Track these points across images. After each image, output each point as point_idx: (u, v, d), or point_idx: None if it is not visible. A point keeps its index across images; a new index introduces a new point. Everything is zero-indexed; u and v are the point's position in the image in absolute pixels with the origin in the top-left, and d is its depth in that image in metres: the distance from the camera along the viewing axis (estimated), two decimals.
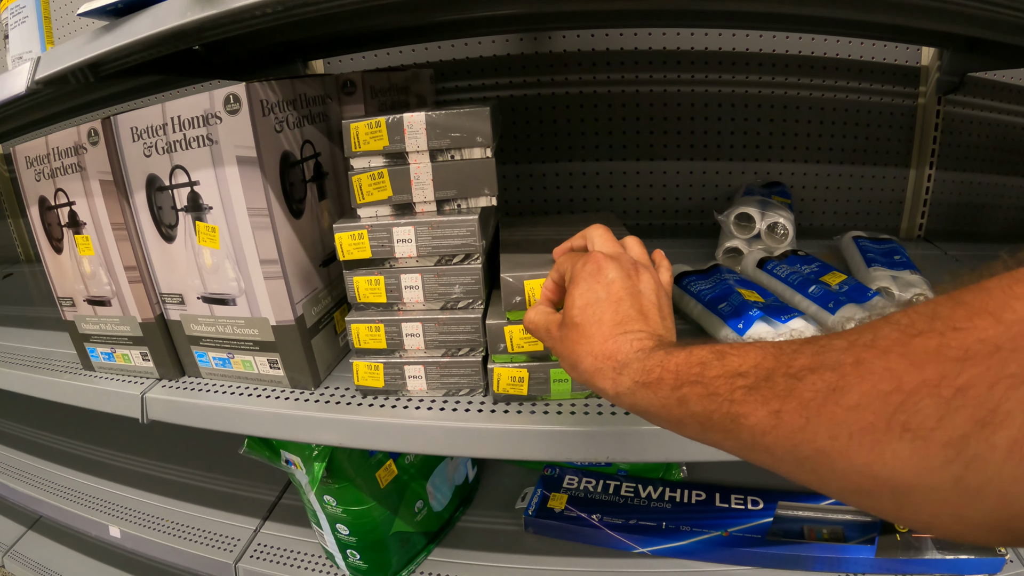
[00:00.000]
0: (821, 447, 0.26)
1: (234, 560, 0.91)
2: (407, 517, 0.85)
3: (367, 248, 0.64)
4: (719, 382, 0.32)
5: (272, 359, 0.72)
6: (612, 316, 0.43)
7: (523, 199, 1.23)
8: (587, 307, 0.44)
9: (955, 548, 0.76)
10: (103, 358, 0.84)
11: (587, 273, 0.46)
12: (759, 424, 0.29)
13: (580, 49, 1.11)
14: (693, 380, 0.34)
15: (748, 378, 0.31)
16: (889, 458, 0.24)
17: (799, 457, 0.28)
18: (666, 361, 0.37)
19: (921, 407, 0.23)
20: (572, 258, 0.49)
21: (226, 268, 0.69)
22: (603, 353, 0.41)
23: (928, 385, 0.23)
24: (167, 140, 0.66)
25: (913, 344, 0.24)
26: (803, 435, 0.27)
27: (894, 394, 0.24)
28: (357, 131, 0.62)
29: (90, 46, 0.62)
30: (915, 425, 0.23)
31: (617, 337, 0.42)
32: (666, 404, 0.36)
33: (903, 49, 1.06)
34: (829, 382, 0.26)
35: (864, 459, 0.25)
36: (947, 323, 0.23)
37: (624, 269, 0.46)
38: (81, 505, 1.09)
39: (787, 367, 0.29)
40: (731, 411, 0.31)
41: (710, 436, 0.33)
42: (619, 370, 0.40)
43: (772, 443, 0.29)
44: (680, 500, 0.90)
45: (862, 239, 0.92)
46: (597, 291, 0.44)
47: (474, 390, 0.69)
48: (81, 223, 0.76)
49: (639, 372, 0.38)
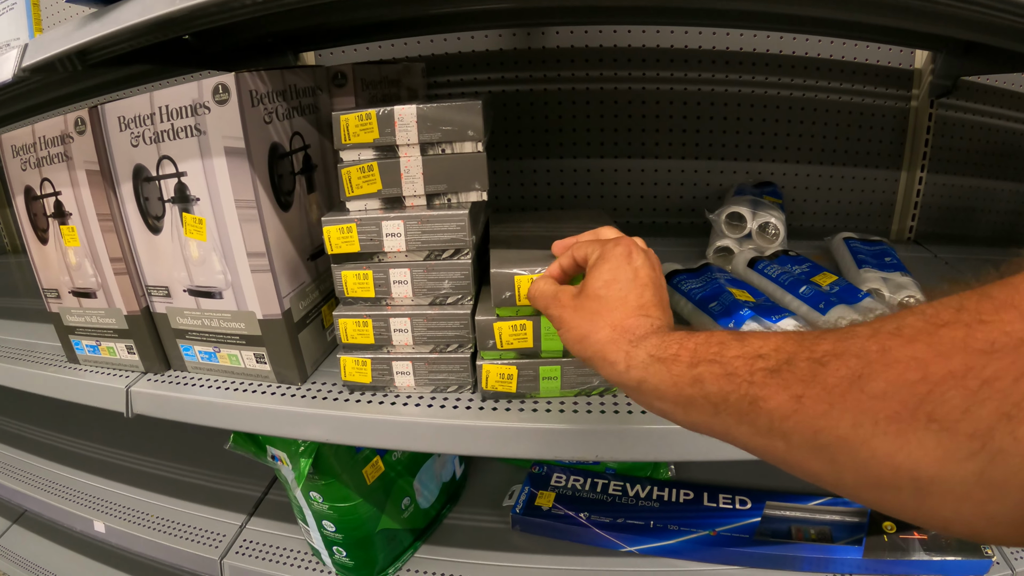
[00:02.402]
0: (843, 435, 0.26)
1: (219, 556, 0.91)
2: (394, 514, 0.84)
3: (356, 242, 0.64)
4: (738, 362, 0.32)
5: (259, 353, 0.72)
6: (637, 298, 0.44)
7: (513, 195, 1.23)
8: (613, 283, 0.45)
9: (942, 549, 0.76)
10: (88, 351, 0.83)
11: (617, 254, 0.46)
12: (779, 408, 0.29)
13: (573, 45, 1.11)
14: (711, 359, 0.34)
15: (769, 360, 0.30)
16: (914, 448, 0.24)
17: (818, 445, 0.27)
18: (685, 340, 0.37)
19: (947, 398, 0.23)
20: (597, 243, 0.49)
21: (213, 261, 0.68)
22: (622, 326, 0.42)
23: (954, 376, 0.23)
24: (155, 130, 0.65)
25: (939, 334, 0.24)
26: (825, 421, 0.27)
27: (920, 384, 0.24)
28: (347, 123, 0.61)
29: (78, 33, 0.61)
30: (941, 416, 0.23)
31: (639, 316, 0.42)
32: (678, 382, 0.35)
33: (897, 52, 1.06)
34: (854, 368, 0.26)
35: (887, 449, 0.25)
36: (973, 315, 0.23)
37: (651, 261, 0.47)
38: (66, 500, 1.08)
39: (810, 351, 0.28)
40: (749, 393, 0.30)
41: (721, 420, 0.33)
42: (635, 342, 0.40)
43: (791, 428, 0.28)
44: (668, 499, 0.90)
45: (853, 240, 0.93)
46: (626, 271, 0.45)
47: (462, 387, 0.68)
48: (67, 213, 0.74)
49: (656, 346, 0.38)
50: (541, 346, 0.63)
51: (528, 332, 0.63)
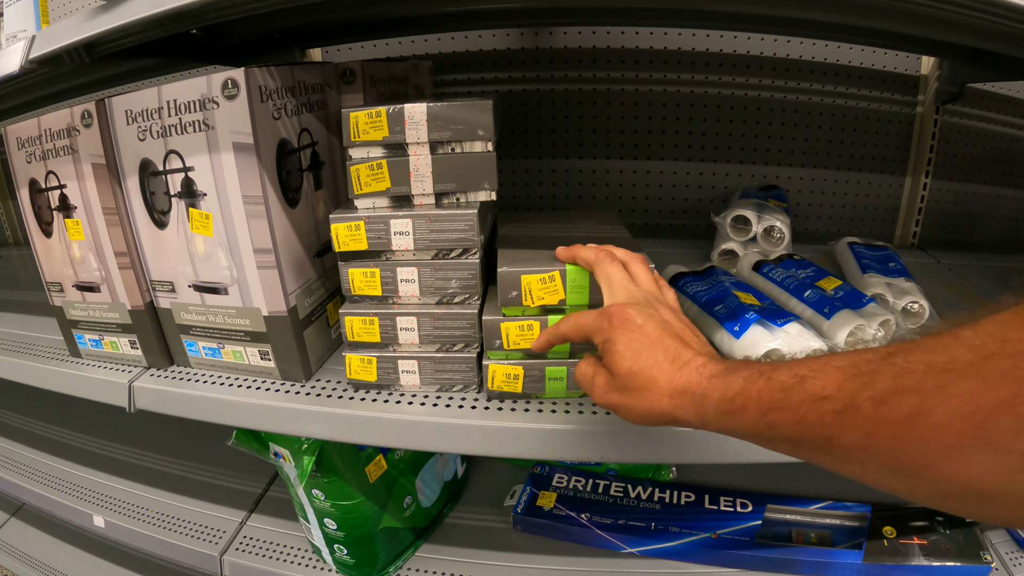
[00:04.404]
0: (912, 461, 0.30)
1: (219, 552, 0.90)
2: (396, 513, 0.84)
3: (363, 240, 0.63)
4: (805, 408, 0.34)
5: (263, 350, 0.72)
6: (663, 355, 0.44)
7: (519, 194, 1.22)
8: (639, 355, 0.45)
9: (942, 554, 0.76)
10: (91, 345, 0.83)
11: (619, 327, 0.47)
12: (852, 444, 0.32)
13: (581, 46, 1.11)
14: (778, 407, 0.36)
15: (834, 402, 0.33)
16: (973, 467, 0.27)
17: (891, 469, 0.31)
18: (747, 389, 0.38)
19: (1000, 423, 0.26)
20: (589, 321, 0.50)
21: (219, 256, 0.68)
22: (675, 390, 0.43)
23: (1005, 404, 0.26)
24: (162, 124, 0.65)
25: (988, 366, 0.27)
26: (894, 452, 0.30)
27: (976, 414, 0.27)
28: (357, 120, 0.61)
29: (87, 25, 0.61)
30: (995, 439, 0.26)
31: (680, 370, 0.43)
32: (754, 428, 0.38)
33: (903, 57, 1.06)
34: (913, 405, 0.29)
35: (951, 470, 0.28)
36: (1016, 345, 0.26)
37: (644, 312, 0.48)
38: (65, 493, 1.08)
39: (872, 390, 0.31)
40: (823, 434, 0.33)
41: (801, 452, 0.36)
42: (700, 403, 0.41)
43: (865, 459, 0.32)
44: (669, 501, 0.90)
45: (857, 245, 0.93)
46: (639, 339, 0.46)
47: (468, 386, 0.68)
48: (72, 207, 0.74)
49: (721, 402, 0.40)
50: None
51: (535, 333, 0.62)
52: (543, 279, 0.60)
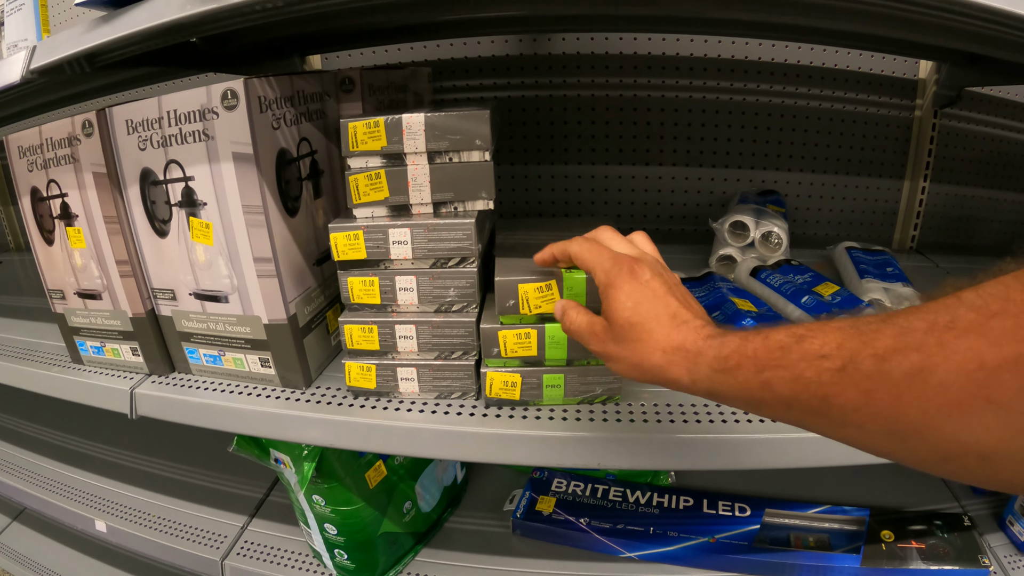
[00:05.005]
0: (912, 422, 0.29)
1: (220, 557, 0.91)
2: (395, 518, 0.85)
3: (362, 249, 0.64)
4: (802, 366, 0.34)
5: (263, 357, 0.72)
6: (665, 310, 0.44)
7: (518, 200, 1.23)
8: (640, 306, 0.45)
9: (940, 558, 0.76)
10: (92, 352, 0.83)
11: (624, 275, 0.46)
12: (850, 402, 0.31)
13: (579, 52, 1.11)
14: (775, 365, 0.35)
15: (834, 360, 0.32)
16: (976, 427, 0.27)
17: (890, 431, 0.30)
18: (743, 348, 0.38)
19: (1003, 381, 0.26)
20: (598, 258, 0.49)
21: (219, 265, 0.69)
22: (671, 346, 0.42)
23: (1007, 363, 0.25)
24: (162, 134, 0.66)
25: (991, 325, 0.27)
26: (895, 411, 0.30)
27: (979, 372, 0.26)
28: (355, 130, 0.62)
29: (87, 36, 0.61)
30: (998, 398, 0.26)
31: (679, 328, 0.43)
32: (747, 387, 0.37)
33: (901, 62, 1.07)
34: (916, 363, 0.29)
35: (953, 429, 0.28)
36: (1020, 306, 0.26)
37: (652, 267, 0.47)
38: (67, 498, 1.09)
39: (872, 348, 0.31)
40: (819, 392, 0.33)
41: (793, 414, 0.35)
42: (693, 359, 0.41)
43: (863, 420, 0.31)
44: (668, 505, 0.90)
45: (855, 250, 0.93)
46: (642, 290, 0.45)
47: (466, 393, 0.68)
48: (73, 215, 0.75)
49: (715, 360, 0.39)
50: (545, 354, 0.64)
51: (532, 341, 0.63)
52: (540, 288, 0.60)
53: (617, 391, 0.66)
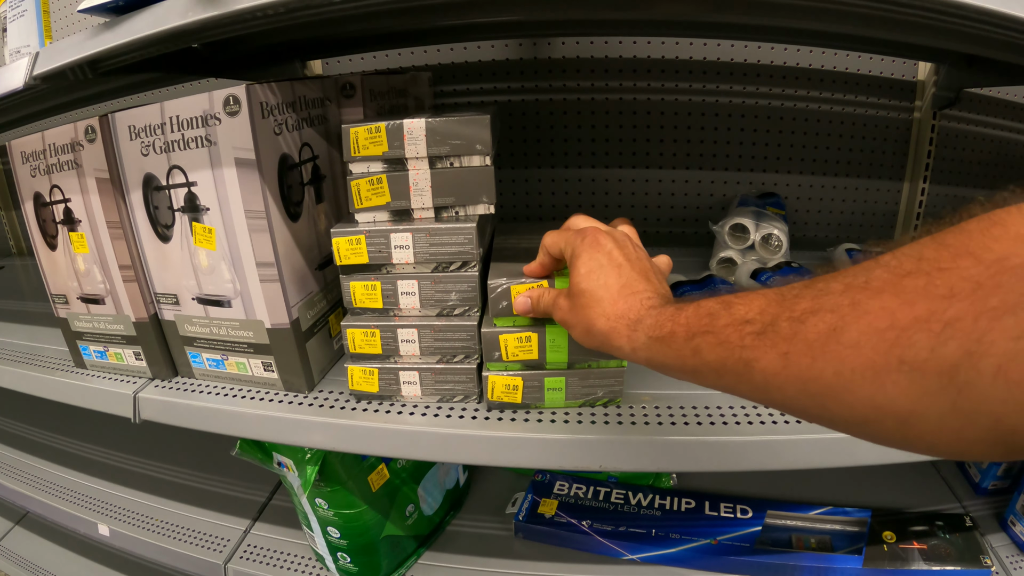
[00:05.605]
0: (828, 383, 0.29)
1: (223, 561, 0.91)
2: (398, 521, 0.85)
3: (364, 253, 0.64)
4: (728, 331, 0.34)
5: (266, 362, 0.72)
6: (617, 279, 0.46)
7: (518, 204, 1.23)
8: (591, 273, 0.46)
9: (942, 559, 0.77)
10: (96, 356, 0.84)
11: (587, 245, 0.48)
12: (770, 366, 0.32)
13: (579, 56, 1.11)
14: (704, 331, 0.36)
15: (755, 324, 0.33)
16: (890, 388, 0.26)
17: (808, 393, 0.30)
18: (677, 316, 0.39)
19: (914, 341, 0.25)
20: (566, 236, 0.52)
21: (222, 270, 0.69)
22: (615, 313, 0.44)
23: (919, 321, 0.25)
24: (165, 140, 0.66)
25: (903, 284, 0.26)
26: (811, 372, 0.29)
27: (889, 331, 0.26)
28: (357, 136, 0.62)
29: (90, 43, 0.61)
30: (910, 358, 0.25)
31: (627, 297, 0.44)
32: (680, 355, 0.38)
33: (900, 63, 1.07)
34: (829, 323, 0.29)
35: (867, 391, 0.27)
36: (932, 264, 0.26)
37: (618, 240, 0.49)
38: (69, 502, 1.09)
39: (790, 311, 0.31)
40: (743, 356, 0.33)
41: (725, 381, 0.36)
42: (633, 327, 0.42)
43: (783, 383, 0.31)
44: (670, 508, 0.90)
45: (855, 252, 0.93)
46: (599, 259, 0.47)
47: (468, 397, 0.69)
48: (76, 220, 0.75)
49: (652, 327, 0.40)
50: (546, 358, 0.64)
51: (533, 344, 0.63)
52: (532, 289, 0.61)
53: (618, 394, 0.66)
